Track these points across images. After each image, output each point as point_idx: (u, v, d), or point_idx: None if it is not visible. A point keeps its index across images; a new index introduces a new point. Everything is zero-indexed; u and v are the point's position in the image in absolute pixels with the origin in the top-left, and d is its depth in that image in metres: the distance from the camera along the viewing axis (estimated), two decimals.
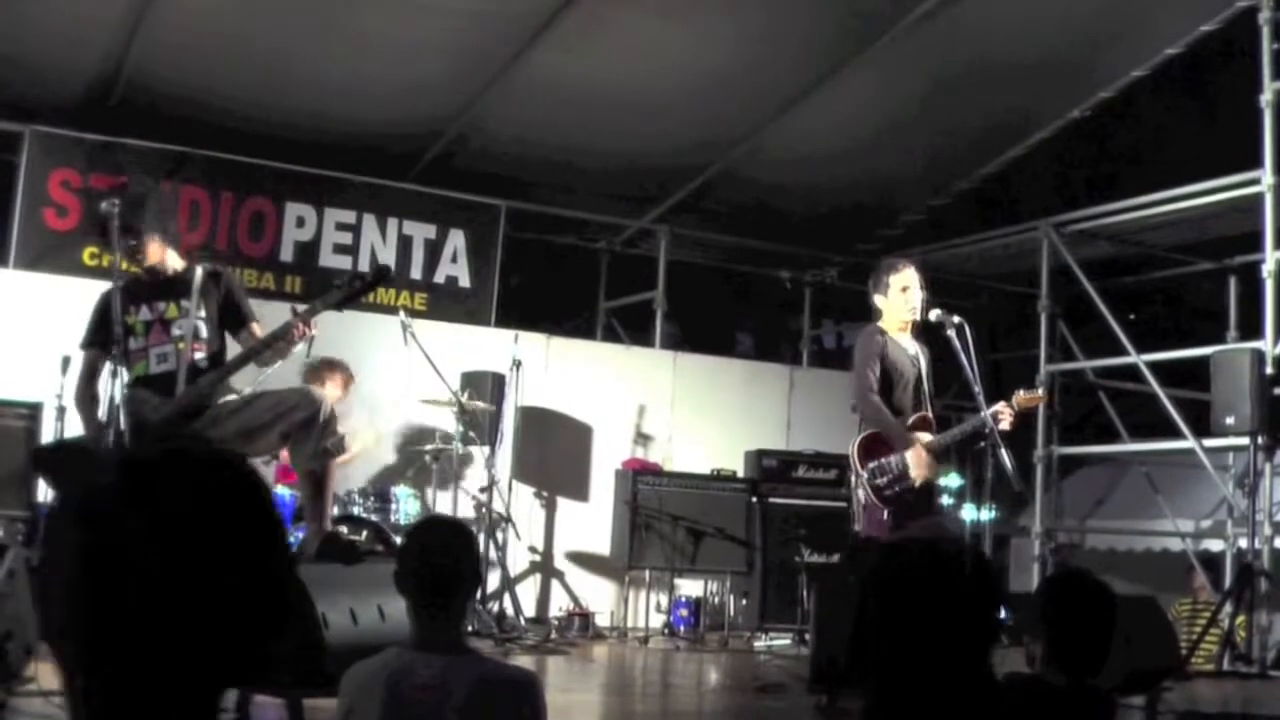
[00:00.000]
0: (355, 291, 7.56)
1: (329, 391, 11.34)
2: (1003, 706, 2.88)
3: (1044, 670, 4.80)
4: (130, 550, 1.64)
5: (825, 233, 16.48)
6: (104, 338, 7.57)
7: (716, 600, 13.89)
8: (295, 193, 13.97)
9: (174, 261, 7.93)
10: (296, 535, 10.46)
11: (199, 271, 7.92)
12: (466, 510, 12.88)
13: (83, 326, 7.90)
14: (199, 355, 7.71)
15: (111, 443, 6.79)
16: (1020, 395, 9.56)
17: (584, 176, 15.17)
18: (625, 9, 12.67)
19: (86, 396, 7.79)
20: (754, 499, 13.77)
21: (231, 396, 7.77)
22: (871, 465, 9.44)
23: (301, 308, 7.68)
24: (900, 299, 9.53)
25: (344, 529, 10.86)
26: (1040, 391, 10.10)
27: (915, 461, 9.34)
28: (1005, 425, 9.29)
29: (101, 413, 7.46)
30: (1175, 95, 14.21)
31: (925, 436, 9.42)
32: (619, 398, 14.74)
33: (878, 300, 9.72)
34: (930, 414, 9.54)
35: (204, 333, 7.80)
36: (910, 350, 9.63)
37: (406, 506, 11.95)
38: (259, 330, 7.97)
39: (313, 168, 13.87)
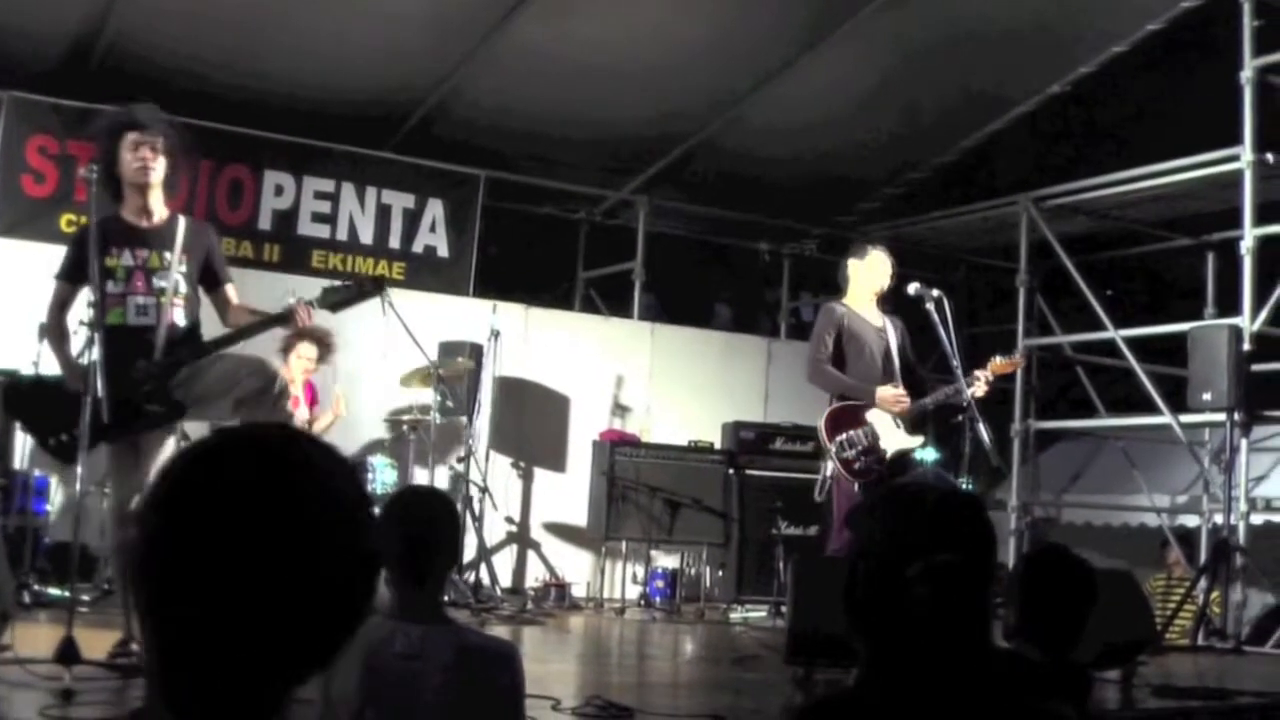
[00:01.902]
0: (354, 298, 7.76)
1: (304, 355, 11.43)
2: (995, 672, 2.88)
3: (1015, 643, 4.81)
4: (196, 536, 1.64)
5: (804, 205, 16.48)
6: (78, 273, 7.41)
7: (693, 572, 13.88)
8: (274, 161, 13.91)
9: (160, 206, 7.66)
10: None
11: (183, 223, 7.72)
12: (443, 480, 12.88)
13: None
14: (178, 312, 7.54)
15: (89, 406, 6.75)
16: (996, 361, 9.64)
17: (563, 147, 15.13)
18: None
19: (56, 331, 7.61)
20: (731, 471, 13.78)
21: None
22: (840, 438, 9.52)
23: (304, 297, 7.62)
24: (874, 267, 9.68)
25: None
26: (1018, 356, 10.19)
27: (884, 402, 9.43)
28: (979, 391, 9.36)
29: (75, 348, 7.35)
30: (1156, 71, 14.21)
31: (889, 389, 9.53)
32: (597, 369, 14.74)
33: (851, 263, 9.84)
34: (899, 384, 9.61)
35: (183, 288, 7.61)
36: (876, 323, 9.73)
37: (383, 476, 11.94)
38: (233, 293, 7.86)
39: (292, 136, 13.82)
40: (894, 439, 9.61)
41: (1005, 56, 14.00)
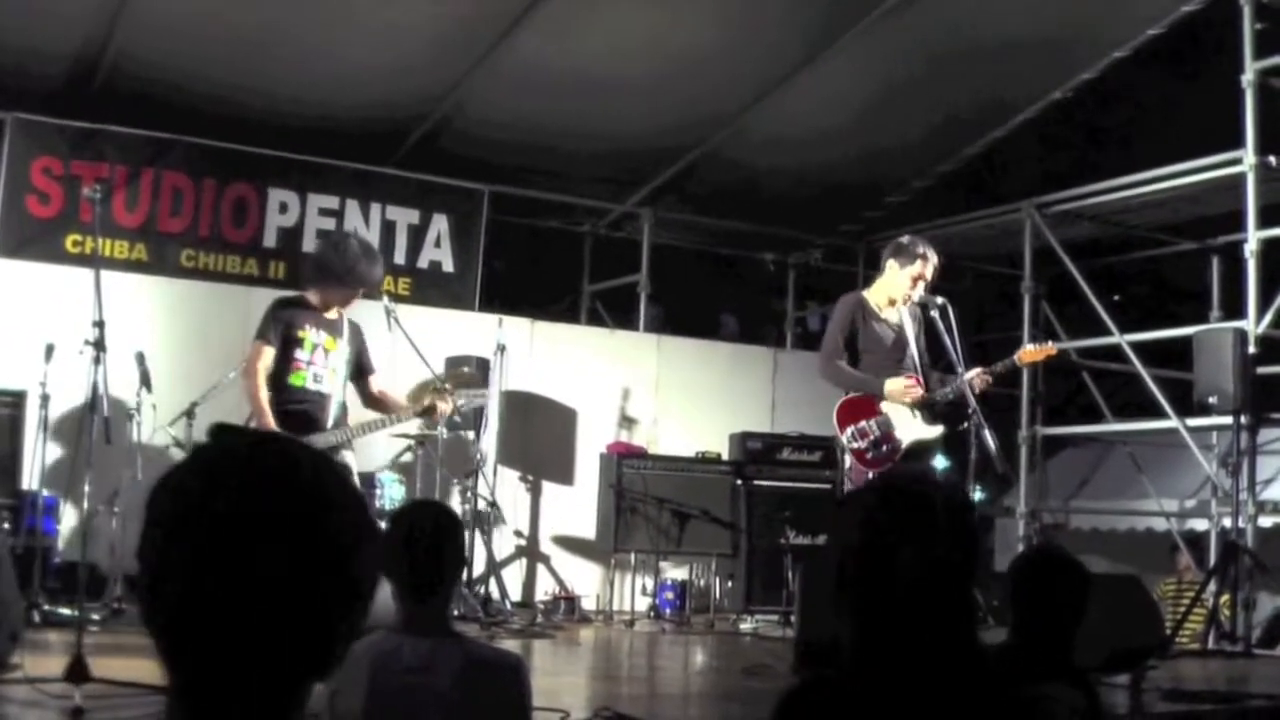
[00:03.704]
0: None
1: None
2: (986, 669, 2.91)
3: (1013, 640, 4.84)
4: (217, 534, 1.67)
5: (809, 215, 16.48)
6: (281, 338, 9.21)
7: (702, 583, 13.88)
8: (278, 178, 13.92)
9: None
10: None
11: (347, 321, 9.53)
12: (451, 495, 12.89)
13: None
14: (338, 391, 9.35)
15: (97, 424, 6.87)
16: (1028, 349, 9.65)
17: (568, 160, 15.15)
18: None
19: (256, 385, 9.12)
20: (739, 481, 13.77)
21: None
22: (851, 429, 9.50)
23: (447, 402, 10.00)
24: (907, 281, 9.62)
25: None
26: (1051, 344, 10.15)
27: (895, 393, 9.41)
28: (977, 386, 9.38)
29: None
30: (1157, 75, 14.22)
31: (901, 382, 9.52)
32: (603, 381, 14.73)
33: (891, 264, 9.79)
34: (918, 377, 9.59)
35: (345, 373, 9.44)
36: (892, 319, 9.71)
37: (391, 492, 11.94)
38: (374, 383, 9.95)
39: (296, 153, 13.84)
40: (910, 429, 9.59)
41: (1007, 63, 14.00)
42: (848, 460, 9.76)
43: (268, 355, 9.10)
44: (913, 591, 2.74)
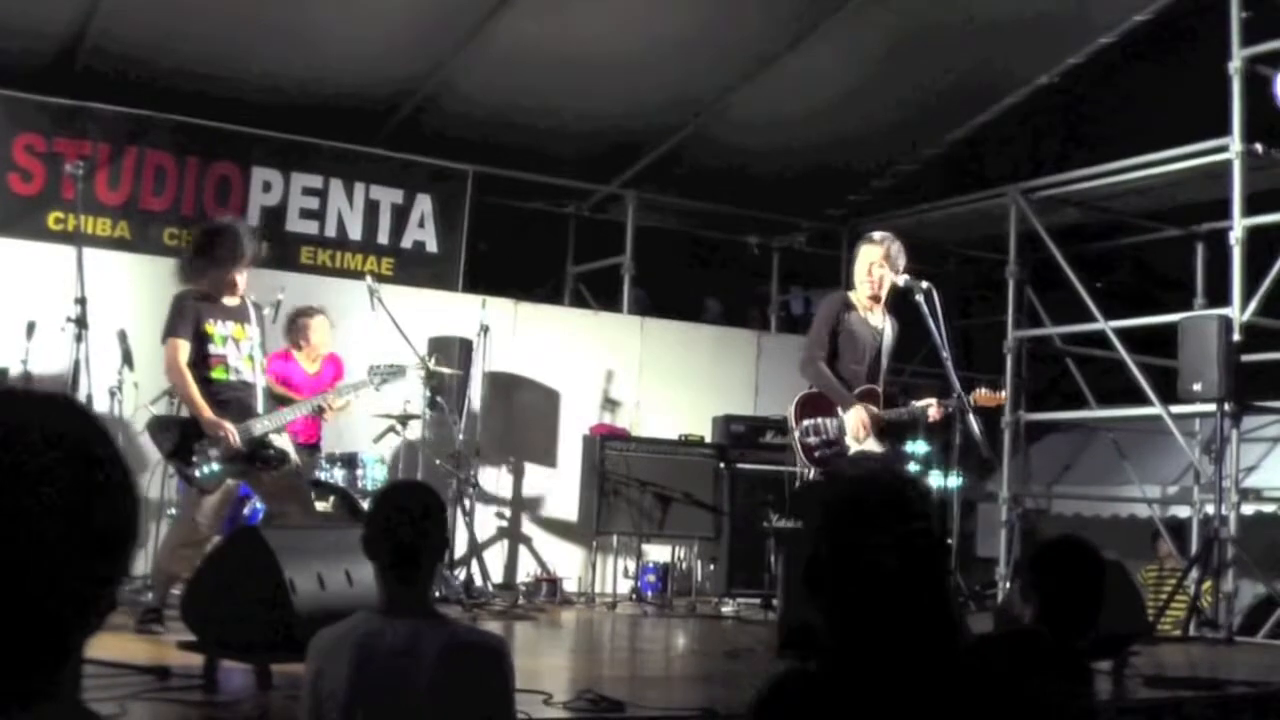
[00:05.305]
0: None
1: (316, 338, 11.51)
2: (960, 644, 2.91)
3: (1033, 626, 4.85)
4: None
5: (793, 198, 16.45)
6: (192, 334, 8.63)
7: (684, 566, 13.89)
8: (262, 157, 13.89)
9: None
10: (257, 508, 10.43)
11: (250, 304, 8.99)
12: (433, 476, 12.86)
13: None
14: (259, 379, 8.86)
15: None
16: (981, 393, 9.59)
17: (552, 141, 15.10)
18: None
19: (187, 380, 8.60)
20: (722, 464, 13.78)
21: None
22: (806, 423, 9.44)
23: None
24: (861, 276, 9.53)
25: (310, 494, 10.85)
26: (1002, 394, 10.13)
27: (856, 423, 9.34)
28: (933, 414, 9.37)
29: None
30: (1144, 62, 14.20)
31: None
32: (587, 363, 14.71)
33: (856, 255, 9.73)
34: (879, 389, 9.53)
35: (260, 358, 8.91)
36: (874, 323, 9.61)
37: (373, 472, 11.91)
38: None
39: (280, 132, 13.79)
40: (861, 430, 9.53)
41: (993, 48, 13.99)
42: (795, 451, 9.71)
43: (185, 350, 8.55)
44: (888, 579, 2.74)
